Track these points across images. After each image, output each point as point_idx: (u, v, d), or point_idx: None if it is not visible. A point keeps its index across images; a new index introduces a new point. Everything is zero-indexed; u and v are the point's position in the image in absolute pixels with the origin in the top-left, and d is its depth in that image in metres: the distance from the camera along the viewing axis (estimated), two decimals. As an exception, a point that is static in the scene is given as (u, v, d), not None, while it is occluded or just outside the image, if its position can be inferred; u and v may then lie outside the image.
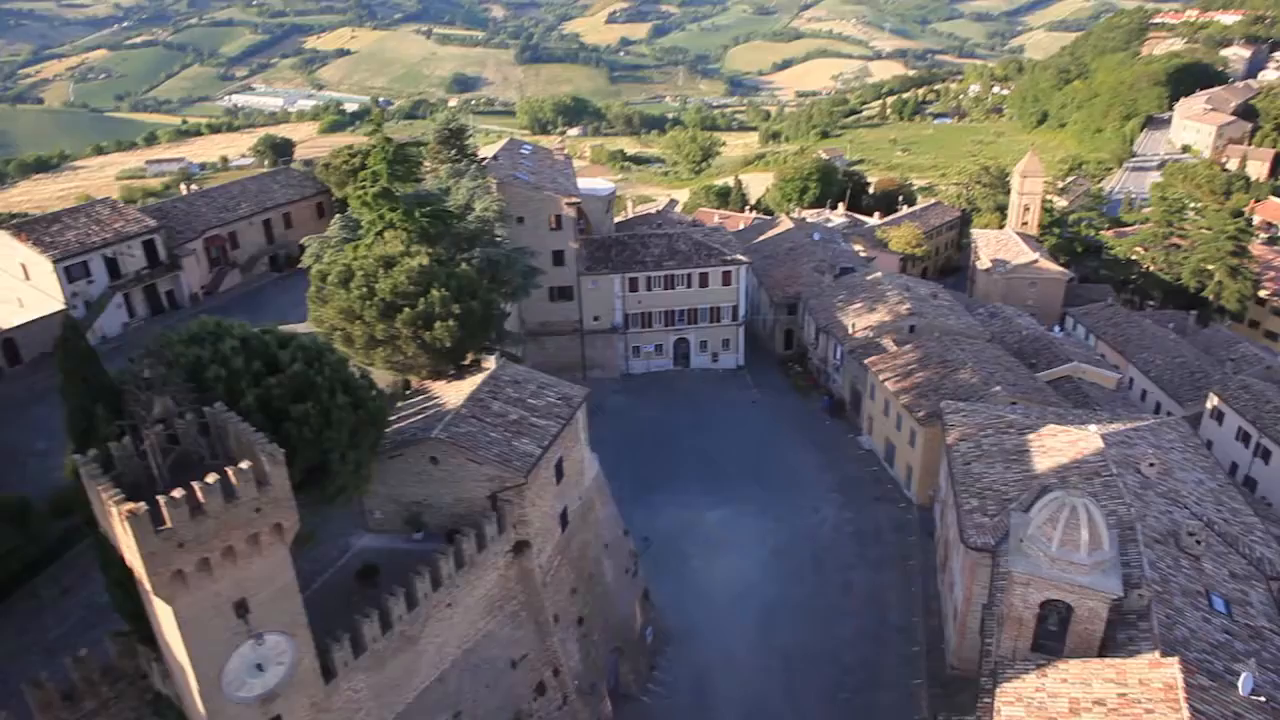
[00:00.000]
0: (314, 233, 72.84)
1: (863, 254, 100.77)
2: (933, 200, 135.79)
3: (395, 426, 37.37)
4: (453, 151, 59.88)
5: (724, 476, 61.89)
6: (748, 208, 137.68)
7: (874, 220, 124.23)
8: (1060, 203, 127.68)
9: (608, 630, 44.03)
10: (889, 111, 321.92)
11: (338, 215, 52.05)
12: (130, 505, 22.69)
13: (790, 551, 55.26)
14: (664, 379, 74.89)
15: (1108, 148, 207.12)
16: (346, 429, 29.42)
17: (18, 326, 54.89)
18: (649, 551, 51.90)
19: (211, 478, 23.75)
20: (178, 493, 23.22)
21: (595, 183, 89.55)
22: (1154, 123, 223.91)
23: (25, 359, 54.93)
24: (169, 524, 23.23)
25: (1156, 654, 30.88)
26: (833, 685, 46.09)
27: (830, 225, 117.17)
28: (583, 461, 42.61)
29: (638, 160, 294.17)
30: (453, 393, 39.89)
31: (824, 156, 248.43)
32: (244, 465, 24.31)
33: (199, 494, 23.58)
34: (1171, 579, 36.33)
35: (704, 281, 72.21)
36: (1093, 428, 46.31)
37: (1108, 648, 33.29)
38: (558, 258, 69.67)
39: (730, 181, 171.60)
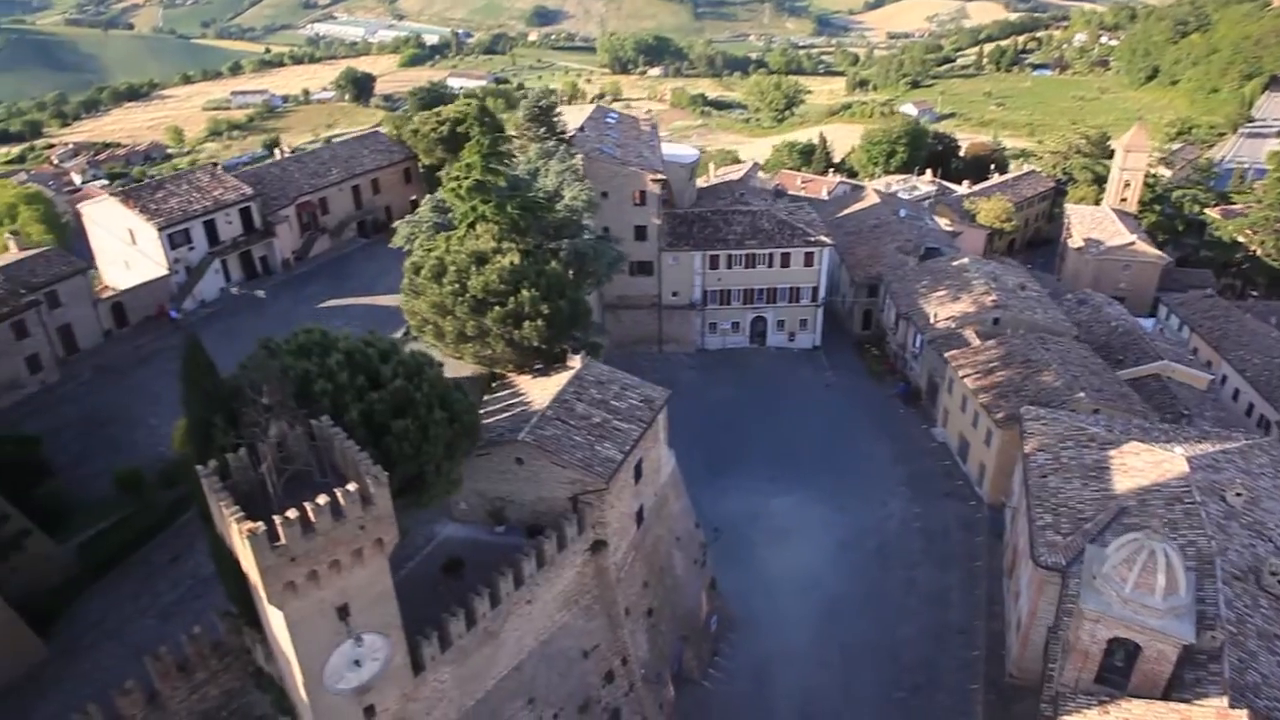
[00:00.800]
0: (400, 198, 75.26)
1: (948, 227, 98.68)
2: (1026, 169, 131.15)
3: (483, 422, 38.92)
4: (542, 129, 60.24)
5: (794, 462, 62.35)
6: (831, 170, 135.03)
7: (963, 189, 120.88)
8: (1165, 173, 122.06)
9: (675, 620, 45.64)
10: (985, 61, 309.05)
11: (428, 196, 53.18)
12: (250, 525, 24.54)
13: (856, 544, 55.83)
14: (739, 356, 75.23)
15: (1222, 110, 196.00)
16: (443, 443, 30.92)
17: (125, 291, 57.92)
18: (717, 541, 52.89)
19: (322, 499, 25.47)
20: (292, 513, 24.98)
21: (679, 149, 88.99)
22: (1279, 84, 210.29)
23: (131, 321, 58.06)
24: (284, 541, 25.04)
25: (1224, 702, 31.02)
26: (889, 683, 46.97)
27: (917, 193, 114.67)
28: (660, 460, 43.72)
29: (719, 105, 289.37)
30: (538, 390, 41.16)
31: (913, 110, 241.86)
32: (351, 487, 25.92)
33: (310, 514, 25.30)
34: (1248, 619, 35.98)
35: (785, 262, 71.88)
36: (1178, 449, 45.41)
37: (1174, 688, 33.38)
38: (639, 233, 70.02)
39: (814, 138, 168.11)
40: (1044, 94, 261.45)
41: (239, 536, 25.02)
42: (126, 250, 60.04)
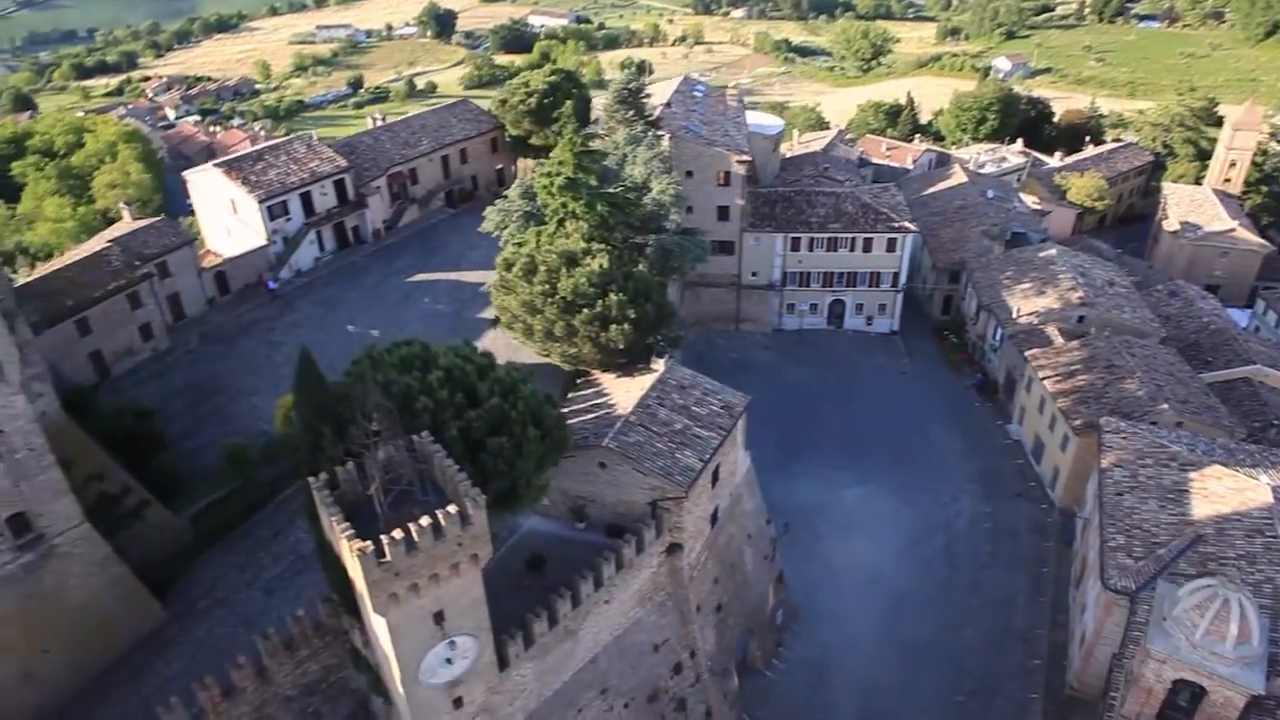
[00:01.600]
0: (487, 168, 76.43)
1: (1036, 206, 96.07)
2: (1122, 141, 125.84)
3: (568, 422, 40.41)
4: (630, 112, 60.39)
5: (865, 452, 62.85)
6: (917, 136, 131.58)
7: (1054, 161, 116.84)
8: (1277, 148, 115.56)
9: (742, 613, 47.22)
10: (1087, 10, 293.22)
11: (517, 181, 54.11)
12: (360, 544, 26.50)
13: (924, 541, 56.41)
14: (815, 338, 75.33)
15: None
16: (534, 459, 32.48)
17: (228, 260, 60.59)
18: (786, 535, 53.97)
19: (425, 520, 27.28)
20: (398, 533, 26.86)
21: (763, 119, 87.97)
22: None
23: (233, 289, 60.85)
24: (389, 559, 26.98)
25: (1291, 752, 31.33)
26: (949, 686, 47.94)
27: (1005, 165, 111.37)
28: (737, 461, 44.82)
29: (803, 51, 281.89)
30: (621, 391, 42.40)
31: (1006, 64, 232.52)
32: (452, 509, 27.66)
33: (414, 534, 27.14)
34: (1323, 665, 35.88)
35: (867, 246, 71.31)
36: (1264, 477, 44.68)
37: (1239, 733, 33.77)
38: (722, 213, 70.12)
39: (900, 95, 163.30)
40: (1149, 49, 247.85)
41: (349, 553, 27.06)
42: (229, 218, 62.59)
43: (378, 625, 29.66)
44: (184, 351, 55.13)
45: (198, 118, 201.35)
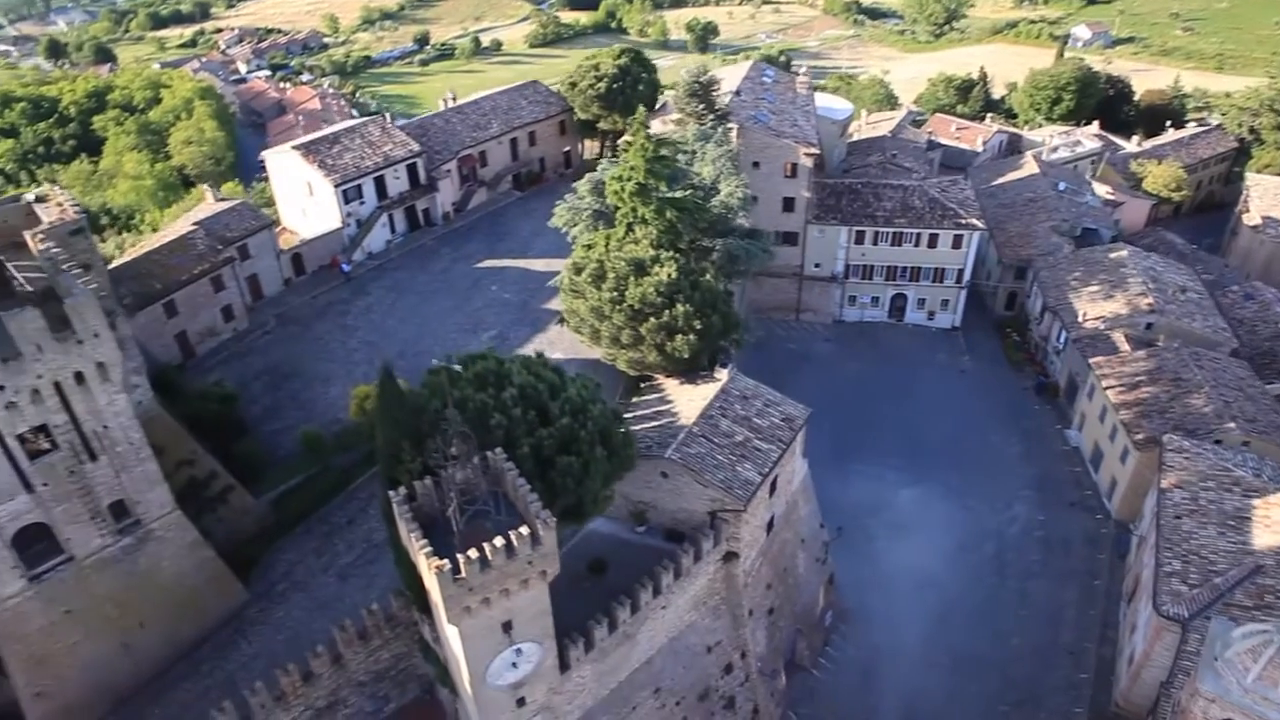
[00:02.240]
0: (555, 150, 77.16)
1: (1109, 196, 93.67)
2: (1205, 125, 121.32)
3: (631, 428, 41.57)
4: (700, 106, 60.40)
5: (921, 451, 63.02)
6: (988, 115, 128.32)
7: (1131, 145, 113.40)
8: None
9: (793, 615, 48.42)
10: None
11: (587, 175, 54.62)
12: (438, 562, 28.08)
13: (975, 547, 56.79)
14: (875, 331, 75.18)
15: None
16: (601, 477, 33.74)
17: (305, 242, 62.49)
18: (839, 538, 54.67)
19: (499, 541, 28.75)
20: (473, 553, 28.38)
21: (832, 103, 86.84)
22: None
23: (308, 270, 62.86)
24: (464, 576, 28.55)
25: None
26: (994, 696, 48.68)
27: (1079, 149, 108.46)
28: (794, 470, 45.65)
29: (873, 14, 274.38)
30: (685, 399, 43.37)
31: (1085, 32, 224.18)
32: (524, 530, 29.09)
33: (488, 553, 28.65)
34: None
35: (933, 242, 70.69)
36: (1330, 509, 44.28)
37: (1287, 775, 34.05)
38: (788, 204, 70.03)
39: (973, 65, 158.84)
40: (1242, 16, 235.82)
41: (427, 569, 28.70)
42: (304, 199, 64.40)
43: (449, 632, 31.40)
44: (262, 333, 57.34)
45: (268, 73, 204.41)
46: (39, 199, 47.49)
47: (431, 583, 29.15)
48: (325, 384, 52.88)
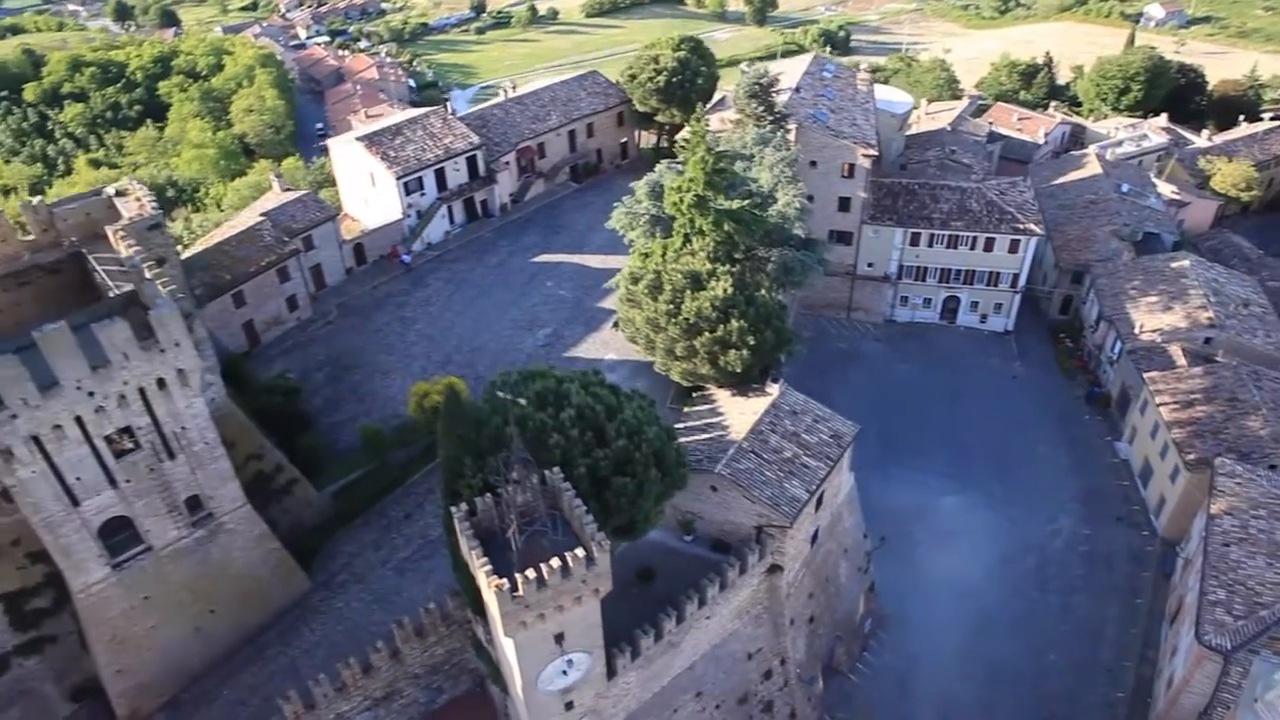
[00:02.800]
0: (612, 141, 77.65)
1: (1174, 196, 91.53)
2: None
3: (681, 439, 42.54)
4: (760, 108, 60.33)
5: (967, 458, 63.04)
6: (1051, 104, 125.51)
7: (1201, 140, 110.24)
8: None
9: (833, 622, 49.36)
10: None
11: (646, 178, 54.96)
12: (497, 581, 29.45)
13: (1018, 559, 56.94)
14: (926, 332, 74.90)
15: None
16: (654, 498, 34.80)
17: (366, 233, 64.00)
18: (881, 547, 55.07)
19: (555, 562, 30.01)
20: (530, 573, 29.69)
21: (892, 96, 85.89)
22: None
23: (369, 260, 64.43)
24: (522, 594, 29.89)
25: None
26: (1029, 711, 49.15)
27: (1146, 143, 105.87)
28: (840, 484, 46.30)
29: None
30: (736, 412, 44.14)
31: (1158, 11, 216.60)
32: (579, 552, 30.31)
33: (545, 574, 29.94)
34: None
35: (989, 246, 70.09)
36: (1384, 546, 43.85)
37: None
38: (843, 204, 69.85)
39: (1037, 48, 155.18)
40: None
41: (487, 587, 30.10)
42: (367, 189, 65.80)
43: (506, 645, 32.87)
44: (324, 322, 59.13)
45: (327, 39, 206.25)
46: (119, 193, 49.48)
47: (490, 598, 30.57)
48: (385, 376, 54.52)
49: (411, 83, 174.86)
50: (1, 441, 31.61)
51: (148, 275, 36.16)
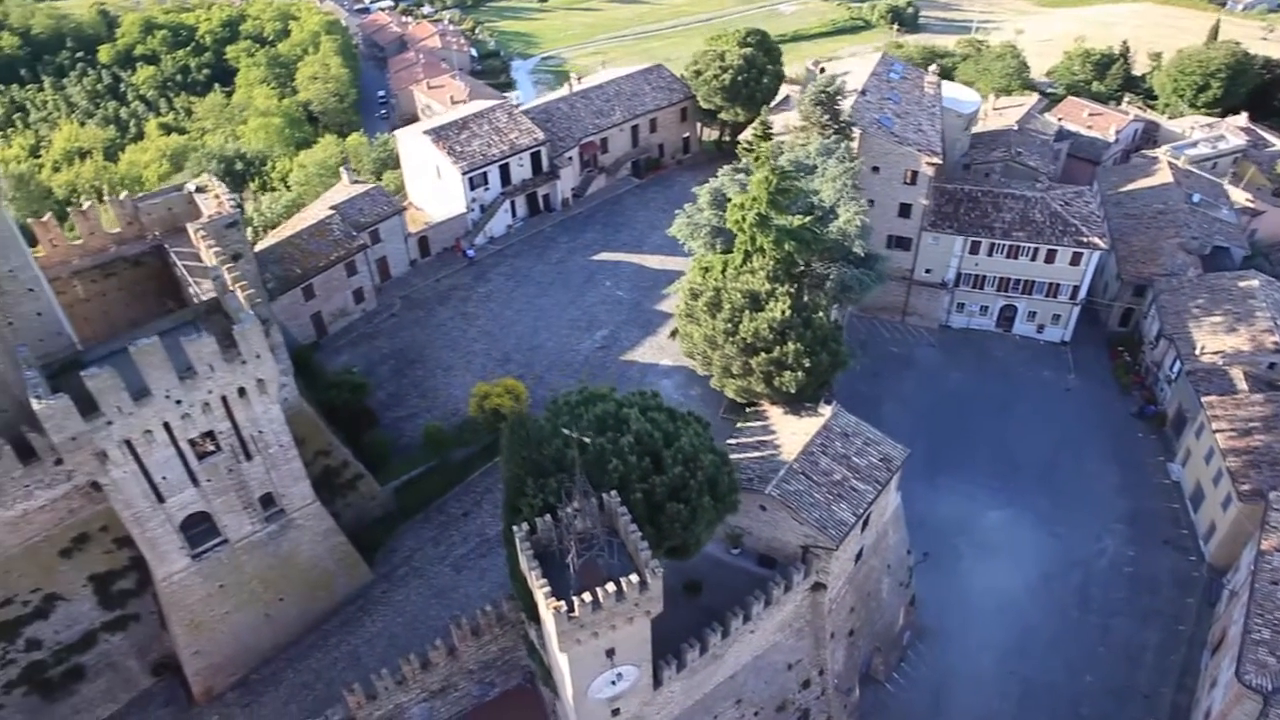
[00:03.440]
0: (674, 135, 78.09)
1: (1248, 203, 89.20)
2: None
3: (733, 454, 43.69)
4: (825, 116, 60.25)
5: (1015, 472, 63.24)
6: (1126, 97, 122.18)
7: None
8: None
9: (872, 634, 50.44)
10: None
11: (708, 186, 55.33)
12: (555, 603, 31.03)
13: (1060, 577, 57.24)
14: (981, 340, 74.58)
15: None
16: (706, 523, 36.04)
17: (431, 226, 65.52)
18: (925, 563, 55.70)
19: (610, 587, 31.50)
20: (587, 596, 31.21)
21: (959, 95, 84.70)
22: None
23: (433, 252, 66.02)
24: (578, 615, 31.46)
25: None
26: (1063, 731, 50.03)
27: (1222, 145, 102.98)
28: (886, 504, 47.07)
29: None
30: (788, 431, 45.04)
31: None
32: (634, 578, 31.73)
33: (600, 597, 31.44)
34: None
35: (1050, 258, 69.43)
36: None
37: None
38: (904, 210, 69.63)
39: (1117, 31, 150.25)
40: None
41: (545, 607, 31.70)
42: (433, 181, 67.21)
43: (560, 658, 34.57)
44: (389, 315, 60.99)
45: (390, 4, 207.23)
46: (199, 189, 51.54)
47: (547, 616, 32.20)
48: (446, 373, 56.25)
49: (473, 51, 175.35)
50: (98, 445, 33.77)
51: (231, 287, 37.94)
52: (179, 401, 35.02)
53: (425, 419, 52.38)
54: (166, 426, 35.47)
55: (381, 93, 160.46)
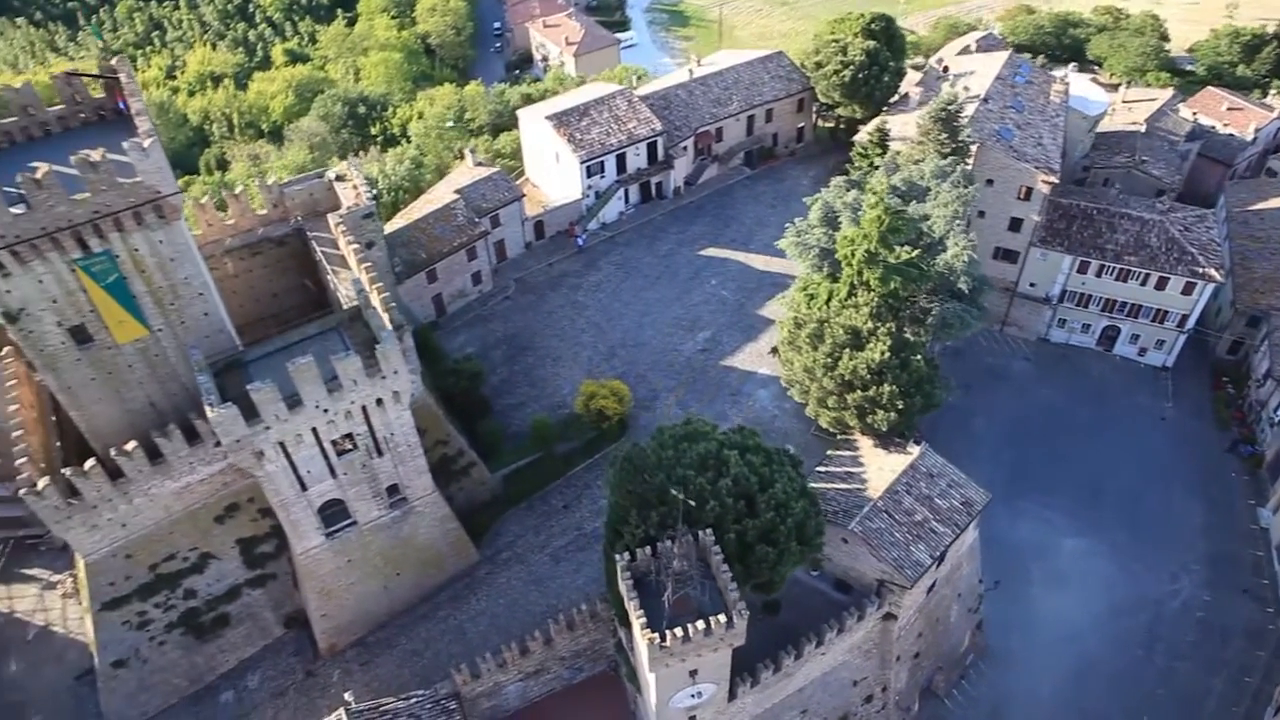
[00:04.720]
0: (789, 126, 78.53)
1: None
2: None
3: (821, 484, 46.14)
4: (944, 134, 60.02)
5: (1097, 500, 63.65)
6: (1274, 87, 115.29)
7: None
8: None
9: (937, 656, 52.98)
10: None
11: (820, 200, 56.26)
12: (650, 634, 34.49)
13: (1129, 614, 58.19)
14: (1079, 358, 73.97)
15: None
16: (791, 564, 38.81)
17: (547, 210, 68.07)
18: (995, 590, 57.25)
19: (700, 624, 34.78)
20: (679, 631, 34.58)
21: (1088, 93, 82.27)
22: None
23: (547, 235, 68.72)
24: (669, 645, 34.89)
25: None
26: (1115, 771, 51.96)
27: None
28: (963, 540, 48.96)
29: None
30: (875, 466, 47.10)
31: None
32: (721, 618, 34.93)
33: (690, 633, 34.76)
34: None
35: (1161, 285, 68.24)
36: None
37: None
38: (1014, 224, 69.11)
39: (1270, 24, 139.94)
40: None
41: (640, 637, 35.21)
42: (551, 165, 69.47)
43: (648, 676, 38.27)
44: (503, 297, 64.27)
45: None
46: (339, 178, 55.20)
47: (640, 644, 35.75)
48: (555, 364, 59.46)
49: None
50: (256, 446, 38.16)
51: (373, 304, 41.50)
52: (326, 410, 39.04)
53: (533, 409, 55.92)
54: (314, 431, 39.64)
55: (497, 25, 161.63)
